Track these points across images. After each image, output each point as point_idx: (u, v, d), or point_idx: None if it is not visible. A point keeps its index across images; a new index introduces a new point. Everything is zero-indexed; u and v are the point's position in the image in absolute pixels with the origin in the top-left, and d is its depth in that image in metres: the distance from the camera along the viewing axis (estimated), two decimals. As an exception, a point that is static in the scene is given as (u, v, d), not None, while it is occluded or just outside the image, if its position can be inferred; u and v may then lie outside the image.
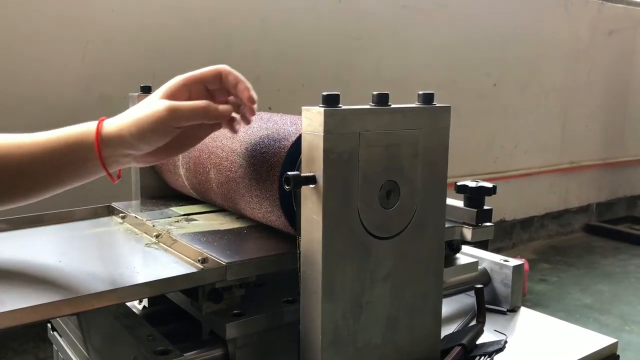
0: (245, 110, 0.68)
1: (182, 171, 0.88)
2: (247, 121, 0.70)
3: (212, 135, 0.82)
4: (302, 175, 0.57)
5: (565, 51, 3.37)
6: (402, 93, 2.71)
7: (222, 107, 0.65)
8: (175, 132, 0.65)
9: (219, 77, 0.67)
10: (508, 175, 3.15)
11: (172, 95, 0.66)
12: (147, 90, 0.99)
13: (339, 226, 0.58)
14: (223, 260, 0.64)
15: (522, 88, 3.15)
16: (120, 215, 0.90)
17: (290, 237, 0.71)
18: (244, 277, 0.66)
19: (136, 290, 0.59)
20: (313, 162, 0.58)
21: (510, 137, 3.14)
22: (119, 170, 0.70)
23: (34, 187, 0.66)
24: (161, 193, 1.00)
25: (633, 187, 4.09)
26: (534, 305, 2.45)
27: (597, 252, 3.26)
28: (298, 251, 0.61)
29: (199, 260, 0.67)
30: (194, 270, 0.64)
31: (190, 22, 1.86)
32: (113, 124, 0.65)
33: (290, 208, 0.67)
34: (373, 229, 0.61)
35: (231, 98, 0.70)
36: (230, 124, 0.69)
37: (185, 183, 0.88)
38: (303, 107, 0.59)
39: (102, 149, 0.64)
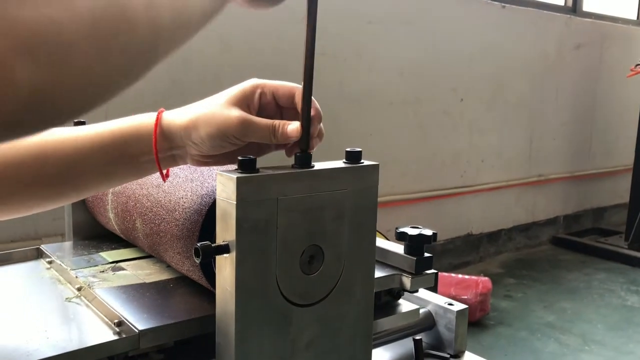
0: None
1: (111, 215, 0.84)
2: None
3: (139, 181, 0.78)
4: (213, 245, 0.54)
5: (532, 65, 3.39)
6: (366, 111, 2.70)
7: (290, 129, 0.60)
8: (242, 144, 0.61)
9: (292, 96, 0.63)
10: (475, 189, 3.16)
11: (243, 100, 0.62)
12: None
13: (254, 298, 0.55)
14: (137, 327, 0.61)
15: (489, 103, 3.16)
16: (48, 260, 0.86)
17: (216, 295, 0.67)
18: (161, 344, 0.62)
19: (34, 368, 0.55)
20: (226, 230, 0.55)
21: (476, 152, 3.14)
22: (168, 169, 0.67)
23: (80, 185, 0.66)
24: (95, 232, 0.95)
25: (599, 199, 4.14)
26: (498, 323, 2.45)
27: (563, 266, 3.28)
28: (216, 318, 0.57)
29: (114, 323, 0.63)
30: (105, 339, 0.60)
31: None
32: (177, 117, 0.62)
33: (211, 270, 0.63)
34: (293, 297, 0.58)
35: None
36: (291, 150, 0.64)
37: (115, 227, 0.84)
38: (217, 172, 0.55)
39: (159, 142, 0.62)
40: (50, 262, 0.85)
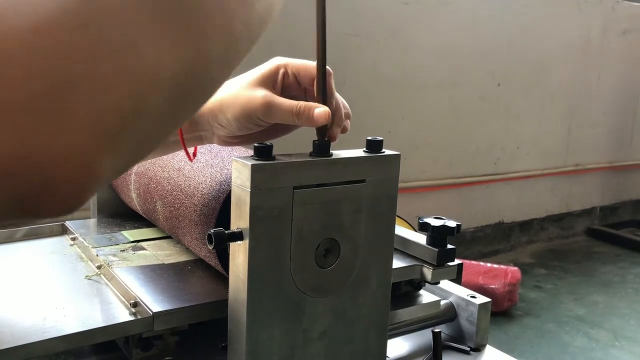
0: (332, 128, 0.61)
1: (133, 195, 0.84)
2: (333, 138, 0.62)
3: (161, 163, 0.78)
4: (227, 232, 0.53)
5: (575, 51, 3.28)
6: (399, 94, 2.65)
7: (318, 113, 0.58)
8: (267, 125, 0.61)
9: (313, 78, 0.61)
10: (509, 177, 3.09)
11: (268, 80, 0.61)
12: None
13: (267, 287, 0.55)
14: (151, 309, 0.61)
15: (527, 89, 3.07)
16: (71, 236, 0.87)
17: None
18: (175, 327, 0.63)
19: (48, 346, 0.56)
20: (240, 217, 0.54)
21: (512, 139, 3.07)
22: (195, 148, 0.68)
23: None
24: (119, 210, 0.96)
25: (639, 191, 4.01)
26: (525, 314, 2.41)
27: (597, 258, 3.20)
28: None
29: (130, 304, 0.64)
30: (120, 320, 0.61)
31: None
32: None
33: (227, 257, 0.63)
34: (307, 290, 0.57)
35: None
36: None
37: (138, 207, 0.85)
38: (233, 157, 0.55)
39: (185, 125, 0.63)
40: (73, 239, 0.86)
